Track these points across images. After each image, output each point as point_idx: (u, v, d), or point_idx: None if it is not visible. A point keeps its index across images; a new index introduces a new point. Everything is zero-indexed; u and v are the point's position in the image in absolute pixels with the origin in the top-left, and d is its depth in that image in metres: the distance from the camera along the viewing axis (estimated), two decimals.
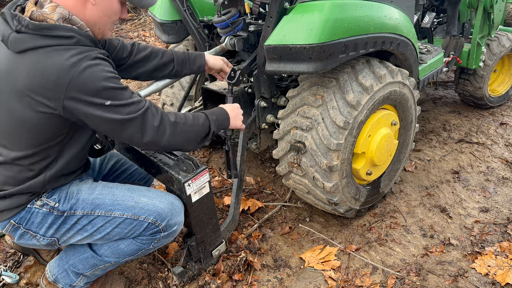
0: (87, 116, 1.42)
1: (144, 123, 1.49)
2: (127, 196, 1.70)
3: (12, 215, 1.57)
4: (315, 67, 1.81)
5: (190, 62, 2.10)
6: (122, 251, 1.77)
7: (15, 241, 1.68)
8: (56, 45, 1.37)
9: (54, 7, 1.41)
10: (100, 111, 1.40)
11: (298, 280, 2.12)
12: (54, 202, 1.60)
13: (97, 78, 1.38)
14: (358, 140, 2.16)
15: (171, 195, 1.80)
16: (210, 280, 2.05)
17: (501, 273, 2.10)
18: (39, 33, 1.36)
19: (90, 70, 1.37)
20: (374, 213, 2.60)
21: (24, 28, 1.35)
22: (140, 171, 2.16)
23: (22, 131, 1.46)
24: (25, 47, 1.36)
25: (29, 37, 1.35)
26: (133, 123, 1.47)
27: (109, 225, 1.67)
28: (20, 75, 1.37)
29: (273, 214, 2.60)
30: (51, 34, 1.37)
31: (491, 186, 2.84)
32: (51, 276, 1.85)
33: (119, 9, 1.57)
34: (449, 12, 3.35)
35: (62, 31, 1.38)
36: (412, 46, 2.31)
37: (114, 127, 1.46)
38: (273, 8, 1.95)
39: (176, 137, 1.58)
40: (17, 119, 1.44)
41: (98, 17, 1.50)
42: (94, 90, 1.38)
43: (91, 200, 1.65)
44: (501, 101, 3.92)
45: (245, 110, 2.39)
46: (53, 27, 1.37)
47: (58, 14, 1.41)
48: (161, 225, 1.72)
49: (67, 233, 1.66)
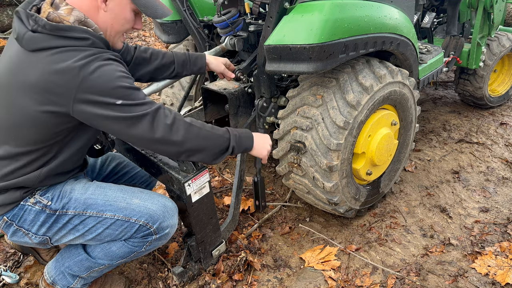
0: (97, 117, 1.42)
1: (155, 120, 1.46)
2: (119, 197, 1.68)
3: (5, 212, 1.57)
4: (315, 67, 1.81)
5: (190, 63, 2.11)
6: (114, 254, 1.75)
7: (8, 238, 1.67)
8: (70, 46, 1.39)
9: (70, 9, 1.44)
10: (109, 110, 1.40)
11: (298, 280, 2.12)
12: (47, 200, 1.59)
13: (109, 77, 1.39)
14: (358, 140, 2.16)
15: (165, 197, 1.77)
16: (210, 280, 2.05)
17: (501, 273, 2.10)
18: (55, 34, 1.38)
19: (102, 69, 1.38)
20: (374, 213, 2.60)
21: (40, 28, 1.37)
22: (142, 173, 2.15)
23: (28, 126, 1.46)
24: (40, 46, 1.38)
25: (45, 37, 1.38)
26: (144, 120, 1.44)
27: (100, 225, 1.66)
28: (32, 72, 1.38)
29: (273, 214, 2.60)
30: (66, 35, 1.39)
31: (491, 186, 2.84)
32: (49, 278, 1.85)
33: (132, 19, 1.57)
34: (449, 12, 3.35)
35: (78, 32, 1.41)
36: (412, 46, 2.31)
37: (124, 126, 1.44)
38: (273, 8, 1.95)
39: (192, 139, 1.53)
40: (24, 114, 1.44)
41: (109, 24, 1.52)
42: (106, 89, 1.38)
43: (84, 200, 1.64)
44: (501, 101, 3.92)
45: (245, 110, 2.40)
46: (69, 28, 1.40)
47: (74, 17, 1.43)
48: (152, 228, 1.69)
49: (59, 232, 1.65)
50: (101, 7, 1.48)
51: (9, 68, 1.45)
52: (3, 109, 1.49)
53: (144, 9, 1.54)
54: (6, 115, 1.48)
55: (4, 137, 1.51)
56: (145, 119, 1.44)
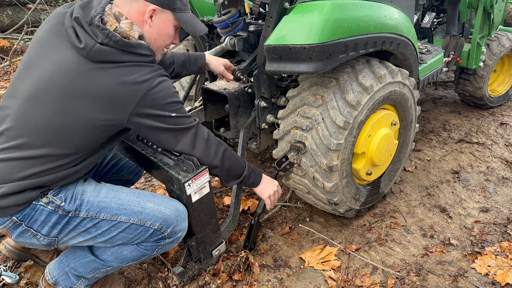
0: (151, 128, 1.56)
1: (197, 133, 1.69)
2: (133, 200, 1.69)
3: (16, 211, 1.53)
4: (315, 67, 1.81)
5: (190, 63, 2.12)
6: (125, 257, 1.76)
7: (12, 239, 1.64)
8: (137, 61, 1.49)
9: (130, 24, 1.53)
10: (164, 123, 1.57)
11: (298, 280, 2.12)
12: (60, 200, 1.57)
13: (167, 92, 1.54)
14: (358, 140, 2.16)
15: (176, 201, 1.79)
16: (210, 280, 2.05)
17: (501, 273, 2.10)
18: (125, 49, 1.47)
19: (162, 85, 1.52)
20: (374, 213, 2.60)
21: (112, 43, 1.45)
22: (129, 164, 2.15)
23: (78, 131, 1.49)
24: (109, 59, 1.45)
25: (115, 51, 1.45)
26: (191, 131, 1.66)
27: (114, 229, 1.66)
28: (99, 82, 1.44)
29: (273, 214, 2.60)
30: (134, 52, 1.49)
31: (491, 186, 2.84)
32: (51, 278, 1.83)
33: (173, 34, 1.68)
34: (449, 12, 3.35)
35: (144, 50, 1.52)
36: (412, 46, 2.31)
37: (172, 135, 1.63)
38: (273, 8, 1.95)
39: (219, 156, 1.76)
40: (78, 120, 1.47)
41: (154, 39, 1.62)
42: (163, 104, 1.53)
43: (97, 203, 1.64)
44: (501, 101, 3.92)
45: (245, 110, 2.40)
46: (137, 45, 1.50)
47: (137, 33, 1.54)
48: (166, 232, 1.71)
49: (68, 234, 1.64)
50: (147, 22, 1.57)
51: (64, 73, 1.45)
52: (52, 112, 1.47)
53: (185, 25, 1.65)
54: (56, 118, 1.47)
55: (46, 138, 1.49)
56: (191, 130, 1.66)
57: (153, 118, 1.53)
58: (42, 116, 1.47)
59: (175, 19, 1.62)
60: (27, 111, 1.48)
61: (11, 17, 6.26)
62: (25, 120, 1.48)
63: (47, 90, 1.46)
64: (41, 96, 1.47)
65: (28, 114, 1.48)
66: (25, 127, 1.48)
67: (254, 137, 2.45)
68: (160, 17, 1.58)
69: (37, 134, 1.48)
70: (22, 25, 5.96)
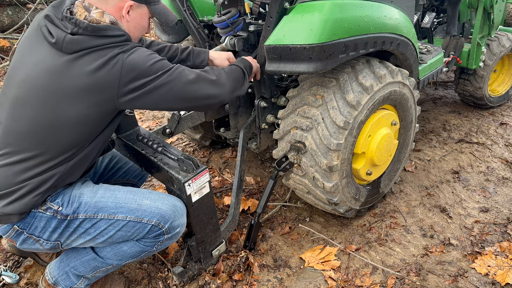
0: (146, 94, 1.52)
1: (200, 76, 1.67)
2: (130, 198, 1.70)
3: (17, 220, 1.56)
4: (315, 67, 1.81)
5: (193, 55, 2.18)
6: (125, 253, 1.77)
7: (18, 246, 1.68)
8: (110, 43, 1.49)
9: (101, 13, 1.53)
10: (154, 82, 1.53)
11: (298, 280, 2.12)
12: (57, 205, 1.60)
13: (143, 59, 1.52)
14: (358, 140, 2.16)
15: (173, 197, 1.80)
16: (210, 280, 2.05)
17: (501, 273, 2.10)
18: (96, 34, 1.47)
19: (135, 54, 1.51)
20: (374, 213, 2.60)
21: (81, 30, 1.46)
22: (135, 168, 2.17)
23: (71, 127, 1.49)
24: (82, 47, 1.45)
25: (86, 38, 1.46)
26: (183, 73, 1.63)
27: (112, 228, 1.67)
28: (78, 75, 1.44)
29: (273, 214, 2.60)
30: (106, 34, 1.49)
31: (491, 186, 2.84)
32: (51, 278, 1.84)
33: (148, 26, 1.72)
34: (449, 12, 3.35)
35: (116, 31, 1.52)
36: (412, 46, 2.31)
37: (167, 88, 1.57)
38: (273, 8, 1.95)
39: (224, 77, 1.77)
40: (61, 116, 1.47)
41: (131, 32, 1.64)
42: (145, 69, 1.50)
43: (94, 204, 1.65)
44: (501, 101, 3.92)
45: (245, 110, 2.40)
46: (107, 27, 1.50)
47: (108, 18, 1.54)
48: (164, 227, 1.72)
49: (70, 237, 1.66)
50: (124, 17, 1.59)
51: (44, 72, 1.46)
52: (40, 113, 1.48)
53: (159, 17, 1.69)
54: (45, 117, 1.48)
55: (40, 138, 1.50)
56: (183, 72, 1.62)
57: (141, 87, 1.51)
58: (30, 117, 1.48)
59: (150, 12, 1.66)
60: (15, 115, 1.50)
61: (11, 17, 6.26)
62: (14, 125, 1.50)
63: (31, 92, 1.47)
64: (26, 99, 1.48)
65: (17, 118, 1.50)
66: (15, 133, 1.51)
67: (254, 137, 2.45)
68: (136, 11, 1.62)
69: (29, 137, 1.50)
70: (22, 25, 5.97)
